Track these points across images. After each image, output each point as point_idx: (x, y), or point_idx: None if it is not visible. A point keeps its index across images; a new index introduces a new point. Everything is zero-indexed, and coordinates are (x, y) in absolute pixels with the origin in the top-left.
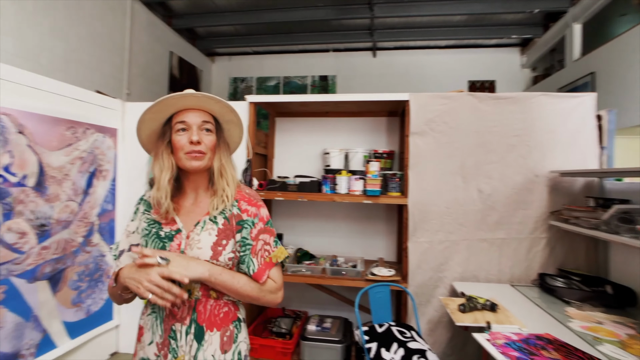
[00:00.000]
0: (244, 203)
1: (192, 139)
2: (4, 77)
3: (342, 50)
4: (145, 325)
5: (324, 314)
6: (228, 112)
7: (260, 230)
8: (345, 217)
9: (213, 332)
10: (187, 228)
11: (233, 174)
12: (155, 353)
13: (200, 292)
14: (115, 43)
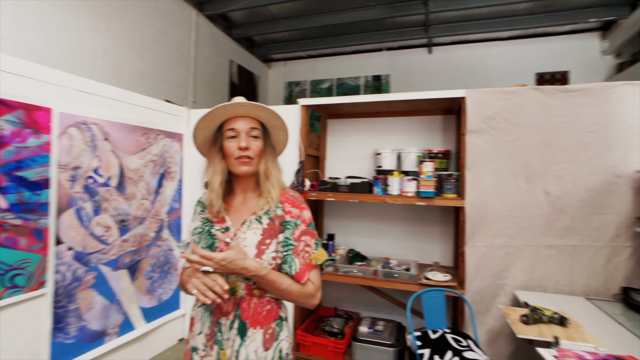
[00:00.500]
0: (287, 205)
1: (240, 145)
2: (95, 93)
3: (395, 48)
4: (196, 316)
5: (376, 317)
6: (274, 118)
7: (303, 231)
8: (398, 219)
9: (256, 330)
10: (235, 226)
11: (278, 176)
12: (204, 343)
13: (245, 291)
14: (182, 55)
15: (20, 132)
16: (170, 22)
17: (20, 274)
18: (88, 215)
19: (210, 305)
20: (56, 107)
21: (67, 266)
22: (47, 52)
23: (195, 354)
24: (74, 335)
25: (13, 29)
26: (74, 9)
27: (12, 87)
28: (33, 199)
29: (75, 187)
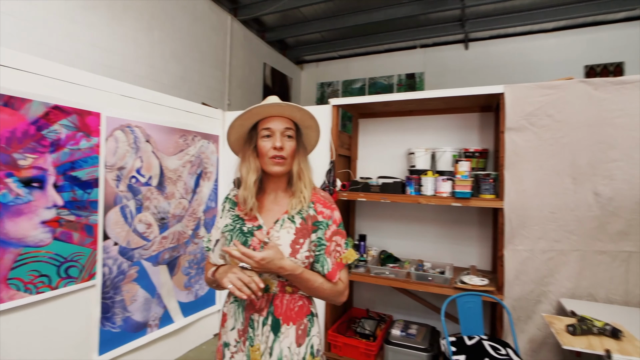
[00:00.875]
0: (319, 205)
1: (275, 144)
2: (138, 97)
3: (430, 45)
4: (228, 312)
5: (409, 320)
6: (308, 118)
7: (334, 231)
8: (433, 220)
9: (289, 326)
10: (267, 225)
11: (310, 176)
12: (236, 339)
13: (278, 288)
14: (218, 60)
15: (74, 135)
16: (207, 28)
17: (73, 265)
18: (131, 212)
19: (243, 301)
20: (104, 112)
21: (113, 260)
22: (96, 61)
23: (227, 349)
24: (119, 325)
25: (66, 41)
26: (120, 20)
27: (66, 94)
28: (84, 197)
29: (120, 186)
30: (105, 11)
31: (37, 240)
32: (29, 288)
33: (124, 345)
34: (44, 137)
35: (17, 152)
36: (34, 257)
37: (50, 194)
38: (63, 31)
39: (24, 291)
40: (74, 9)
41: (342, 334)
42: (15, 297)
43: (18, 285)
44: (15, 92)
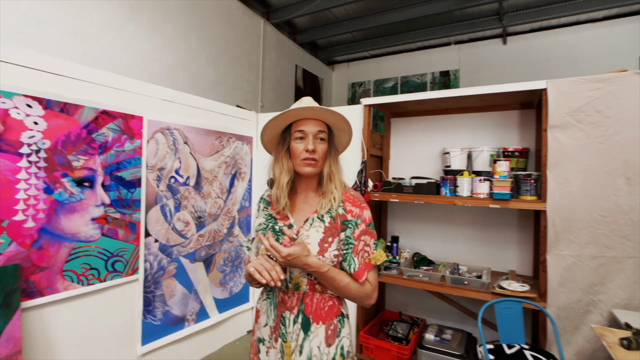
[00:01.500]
0: (348, 204)
1: (308, 147)
2: (177, 101)
3: (465, 41)
4: (261, 309)
5: (444, 325)
6: (342, 122)
7: (362, 231)
8: (469, 223)
9: (319, 325)
10: (297, 224)
11: (340, 178)
12: (269, 335)
13: (307, 286)
14: (251, 63)
15: (119, 138)
16: (241, 32)
17: (119, 260)
18: (171, 211)
19: (275, 298)
20: (146, 115)
21: (153, 256)
22: (138, 68)
23: (262, 344)
24: (160, 318)
25: (112, 51)
26: (160, 30)
27: (113, 100)
28: (128, 196)
29: (161, 185)
30: (147, 22)
31: (87, 236)
32: (81, 280)
33: (163, 338)
34: (93, 140)
35: (71, 154)
36: (85, 251)
37: (99, 193)
38: (110, 42)
39: (77, 282)
40: (120, 21)
41: (374, 336)
42: (69, 288)
43: (72, 277)
44: (70, 99)
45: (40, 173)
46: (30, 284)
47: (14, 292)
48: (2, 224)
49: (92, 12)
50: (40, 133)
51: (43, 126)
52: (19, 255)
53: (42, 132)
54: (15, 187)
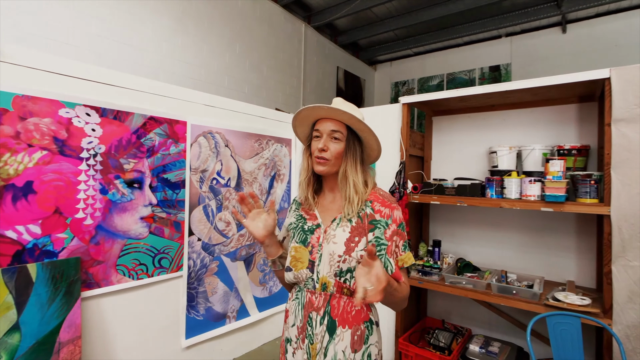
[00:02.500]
0: (377, 204)
1: (318, 145)
2: (218, 106)
3: (518, 33)
4: (290, 309)
5: (490, 336)
6: (356, 122)
7: (394, 231)
8: (518, 227)
9: (345, 329)
10: (325, 223)
11: (357, 179)
12: (296, 335)
13: (335, 288)
14: (293, 67)
15: (165, 142)
16: (283, 38)
17: (165, 257)
18: (213, 211)
19: (303, 299)
20: (190, 120)
21: (196, 254)
22: (186, 75)
23: (289, 345)
24: (202, 314)
25: (164, 60)
26: (206, 38)
27: (159, 106)
28: (173, 197)
29: (203, 187)
30: (194, 32)
31: (137, 234)
32: (131, 274)
33: (206, 333)
34: (142, 144)
35: (123, 158)
36: (135, 247)
37: (147, 193)
38: (161, 52)
39: (128, 276)
40: (170, 33)
41: (413, 343)
42: (122, 281)
43: (124, 271)
44: (122, 106)
45: (97, 175)
46: (89, 276)
47: (75, 282)
48: (66, 220)
49: (145, 26)
50: (97, 139)
51: (99, 132)
52: (80, 250)
53: (99, 137)
54: (77, 188)
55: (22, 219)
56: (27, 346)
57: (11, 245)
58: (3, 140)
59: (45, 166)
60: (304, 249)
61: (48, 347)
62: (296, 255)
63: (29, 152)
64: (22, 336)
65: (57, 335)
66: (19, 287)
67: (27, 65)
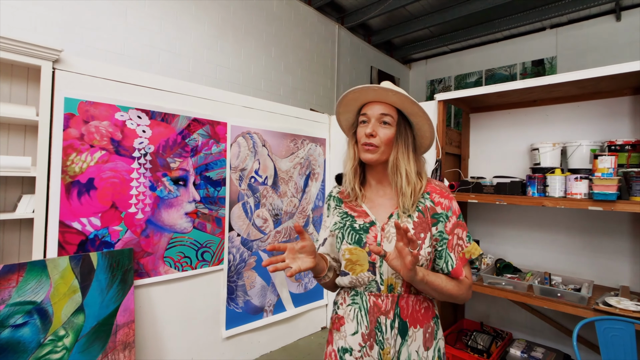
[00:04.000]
0: (436, 195)
1: (366, 131)
2: (255, 107)
3: (564, 23)
4: (347, 316)
5: (533, 341)
6: (409, 104)
7: (454, 224)
8: (564, 227)
9: (417, 329)
10: (380, 220)
11: (409, 169)
12: (360, 343)
13: (402, 288)
14: (326, 68)
15: (207, 142)
16: (317, 39)
17: (207, 251)
18: (251, 208)
19: (365, 303)
20: (230, 121)
21: (236, 249)
22: (225, 79)
23: (349, 355)
24: (241, 307)
25: (205, 66)
26: (243, 43)
27: (202, 109)
28: (215, 194)
29: (242, 185)
30: (232, 39)
31: (182, 228)
32: (177, 266)
33: (244, 325)
34: (186, 145)
35: (169, 157)
36: (180, 241)
37: (191, 190)
38: (202, 58)
39: (174, 268)
40: (210, 40)
41: (450, 344)
42: (168, 272)
43: (170, 263)
44: (169, 109)
45: (147, 173)
46: (140, 266)
47: (129, 271)
48: (121, 214)
49: (189, 34)
50: (147, 139)
51: (149, 133)
52: (132, 241)
53: (148, 138)
54: (130, 185)
55: (86, 212)
56: (90, 326)
57: (76, 235)
58: (70, 142)
59: (104, 164)
60: (361, 250)
61: (107, 329)
62: (352, 258)
63: (91, 151)
64: (85, 317)
65: (114, 318)
66: (83, 273)
67: (90, 74)
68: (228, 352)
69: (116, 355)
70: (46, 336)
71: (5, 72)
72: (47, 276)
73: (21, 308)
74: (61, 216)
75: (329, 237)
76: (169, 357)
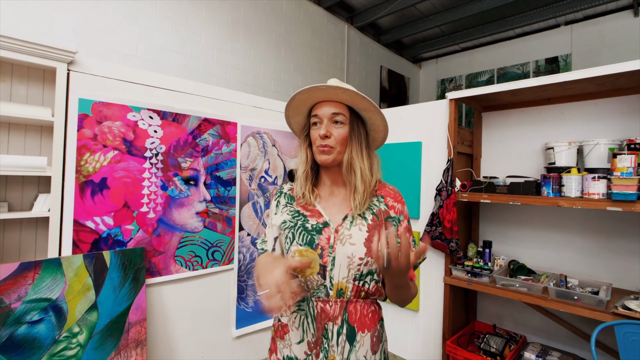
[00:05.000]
0: (390, 199)
1: (320, 132)
2: (265, 107)
3: (580, 20)
4: (291, 323)
5: (548, 345)
6: (359, 99)
7: (405, 228)
8: (581, 229)
9: (365, 334)
10: (334, 222)
11: (364, 168)
12: (306, 352)
13: (352, 292)
14: (336, 68)
15: (218, 142)
16: (326, 39)
17: (217, 250)
18: (261, 208)
19: (312, 310)
20: (240, 121)
21: (246, 248)
22: (236, 80)
23: None
24: (251, 306)
25: (215, 66)
26: (253, 44)
27: (212, 109)
28: (225, 194)
29: (252, 184)
30: (243, 39)
31: (193, 227)
32: (188, 265)
33: (254, 324)
34: (197, 144)
35: (180, 157)
36: (191, 240)
37: (201, 190)
38: (212, 59)
39: (185, 267)
40: (220, 41)
41: (462, 347)
42: (180, 271)
43: (181, 262)
44: (180, 109)
45: (158, 173)
46: (152, 265)
47: (141, 270)
48: (133, 214)
49: (199, 35)
50: (158, 139)
51: (160, 134)
52: (144, 240)
53: (160, 138)
54: (142, 185)
55: (99, 211)
56: (103, 324)
57: (90, 234)
58: (84, 142)
59: (116, 164)
60: (312, 251)
61: (120, 326)
62: (302, 260)
63: (104, 151)
64: (99, 315)
65: (127, 316)
66: (97, 271)
67: (103, 75)
68: (238, 351)
69: (128, 353)
70: (61, 333)
71: (22, 74)
72: (62, 274)
73: (37, 305)
74: (75, 215)
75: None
76: (180, 356)
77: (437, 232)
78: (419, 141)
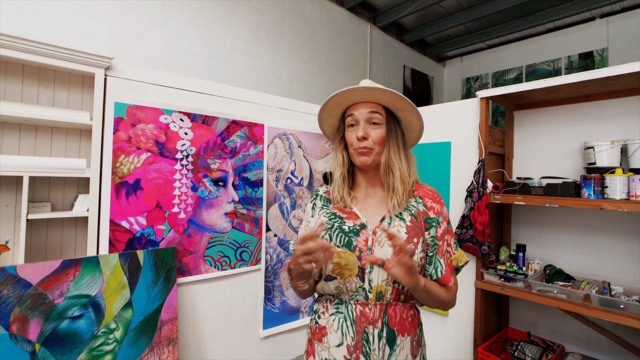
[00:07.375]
0: (428, 200)
1: (357, 134)
2: (291, 109)
3: (617, 12)
4: (330, 326)
5: (590, 355)
6: (397, 99)
7: (445, 230)
8: (625, 233)
9: (405, 337)
10: (371, 223)
11: (403, 168)
12: (345, 356)
13: (392, 295)
14: (359, 69)
15: (245, 143)
16: (348, 39)
17: (245, 251)
18: (287, 209)
19: (351, 313)
20: (267, 123)
21: (273, 249)
22: (260, 82)
23: None
24: (278, 307)
25: (240, 69)
26: (277, 47)
27: (240, 111)
28: (253, 195)
29: (279, 186)
30: (266, 42)
31: (222, 228)
32: (217, 265)
33: (281, 325)
34: (226, 146)
35: (210, 158)
36: (220, 241)
37: (230, 191)
38: (237, 62)
39: (214, 267)
40: (245, 44)
41: (495, 354)
42: (209, 271)
43: (210, 262)
44: (209, 112)
45: (188, 174)
46: (182, 264)
47: (172, 269)
48: (165, 214)
49: (225, 39)
50: (188, 141)
51: (190, 136)
52: (175, 240)
53: (190, 140)
54: (173, 186)
55: (133, 211)
56: (137, 321)
57: (125, 233)
58: (119, 144)
59: (149, 166)
60: (350, 253)
61: (153, 324)
62: (341, 261)
63: (137, 153)
64: (134, 312)
65: (159, 314)
66: (131, 269)
67: (137, 79)
68: (265, 351)
69: (161, 350)
70: (99, 328)
71: (64, 80)
72: (100, 272)
73: (78, 301)
74: (111, 215)
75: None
76: (210, 354)
77: (468, 234)
78: (448, 141)
